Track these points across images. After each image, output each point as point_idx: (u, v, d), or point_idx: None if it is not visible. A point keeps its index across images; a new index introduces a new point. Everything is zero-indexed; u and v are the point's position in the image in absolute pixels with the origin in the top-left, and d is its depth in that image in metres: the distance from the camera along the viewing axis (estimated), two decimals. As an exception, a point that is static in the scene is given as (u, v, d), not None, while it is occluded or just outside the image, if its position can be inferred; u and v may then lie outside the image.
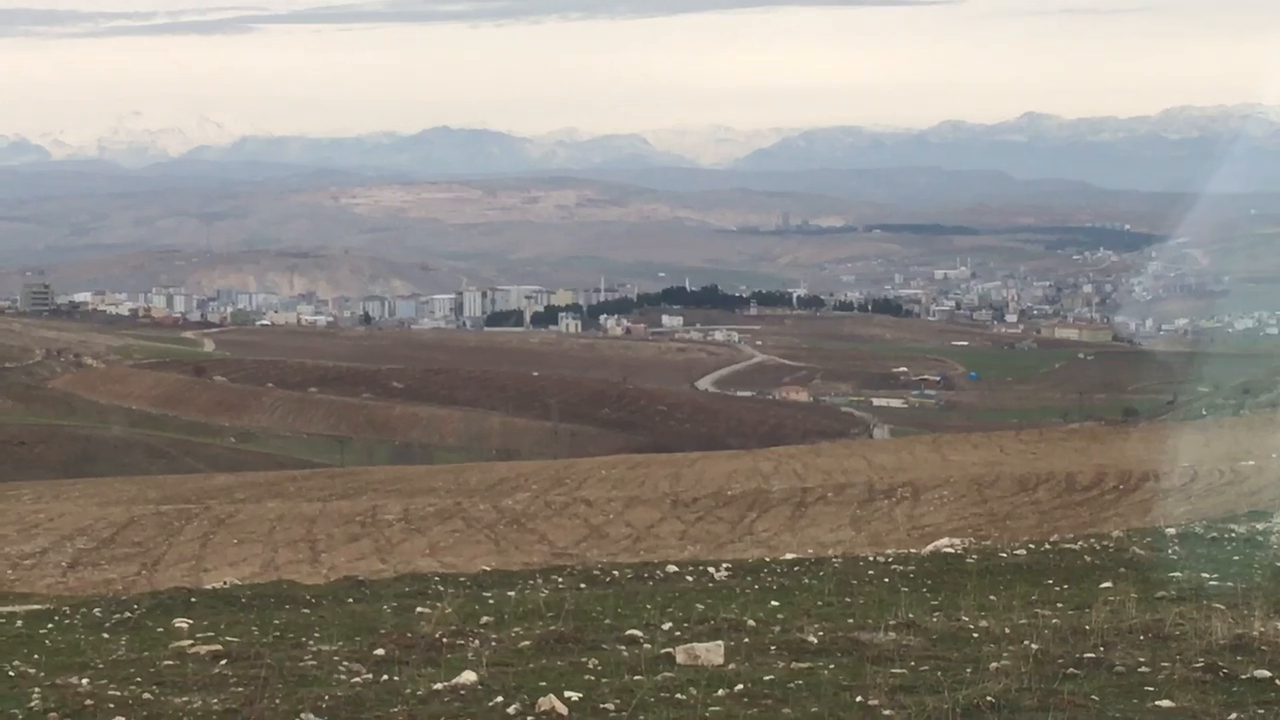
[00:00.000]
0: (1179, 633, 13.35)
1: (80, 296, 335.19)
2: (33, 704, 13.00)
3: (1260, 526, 21.88)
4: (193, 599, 22.45)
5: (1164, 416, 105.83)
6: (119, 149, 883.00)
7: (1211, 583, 16.51)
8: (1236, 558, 18.48)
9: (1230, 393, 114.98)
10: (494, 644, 14.68)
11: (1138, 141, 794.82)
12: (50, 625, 18.89)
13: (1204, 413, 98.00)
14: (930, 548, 26.39)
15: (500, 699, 11.85)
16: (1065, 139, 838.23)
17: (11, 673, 14.61)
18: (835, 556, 26.26)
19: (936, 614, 15.43)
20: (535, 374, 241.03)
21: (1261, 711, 10.59)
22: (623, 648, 14.15)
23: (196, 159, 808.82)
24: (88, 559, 50.05)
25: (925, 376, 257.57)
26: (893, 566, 21.57)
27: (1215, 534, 22.29)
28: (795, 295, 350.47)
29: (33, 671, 14.66)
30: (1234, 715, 10.49)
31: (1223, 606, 14.62)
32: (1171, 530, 24.88)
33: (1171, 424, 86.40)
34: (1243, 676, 11.55)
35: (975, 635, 13.91)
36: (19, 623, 19.61)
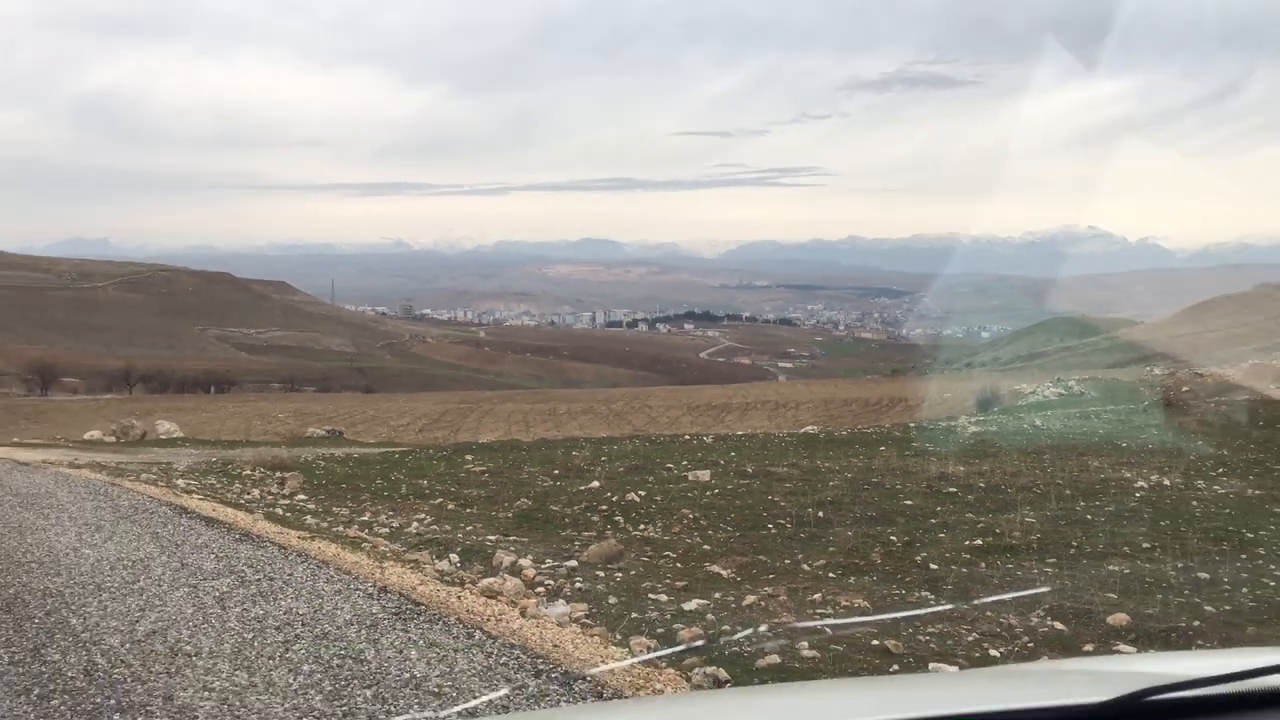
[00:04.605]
0: (915, 471, 13.26)
1: (425, 311, 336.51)
2: (402, 491, 13.12)
3: (954, 424, 21.65)
4: (473, 446, 22.55)
5: (911, 374, 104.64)
6: (451, 245, 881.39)
7: (929, 448, 16.39)
8: (941, 437, 18.32)
9: (943, 364, 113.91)
10: (606, 469, 14.73)
11: (902, 250, 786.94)
12: (410, 457, 19.03)
13: (929, 373, 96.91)
14: (803, 430, 26.26)
15: (609, 494, 11.87)
16: (868, 247, 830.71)
17: (393, 476, 14.73)
18: (759, 433, 26.14)
19: (805, 460, 15.38)
20: (626, 349, 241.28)
21: (952, 506, 10.53)
22: (664, 472, 14.15)
23: (474, 253, 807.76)
24: (426, 428, 50.39)
25: (801, 353, 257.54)
26: (786, 438, 21.44)
27: (932, 427, 22.08)
28: (744, 315, 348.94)
29: (403, 476, 14.78)
30: (939, 507, 10.45)
31: (935, 459, 14.52)
32: (912, 425, 24.67)
33: (914, 377, 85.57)
34: (943, 492, 11.47)
35: (823, 470, 13.84)
36: (396, 455, 19.76)
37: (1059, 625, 6.23)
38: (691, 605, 6.76)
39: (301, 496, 12.80)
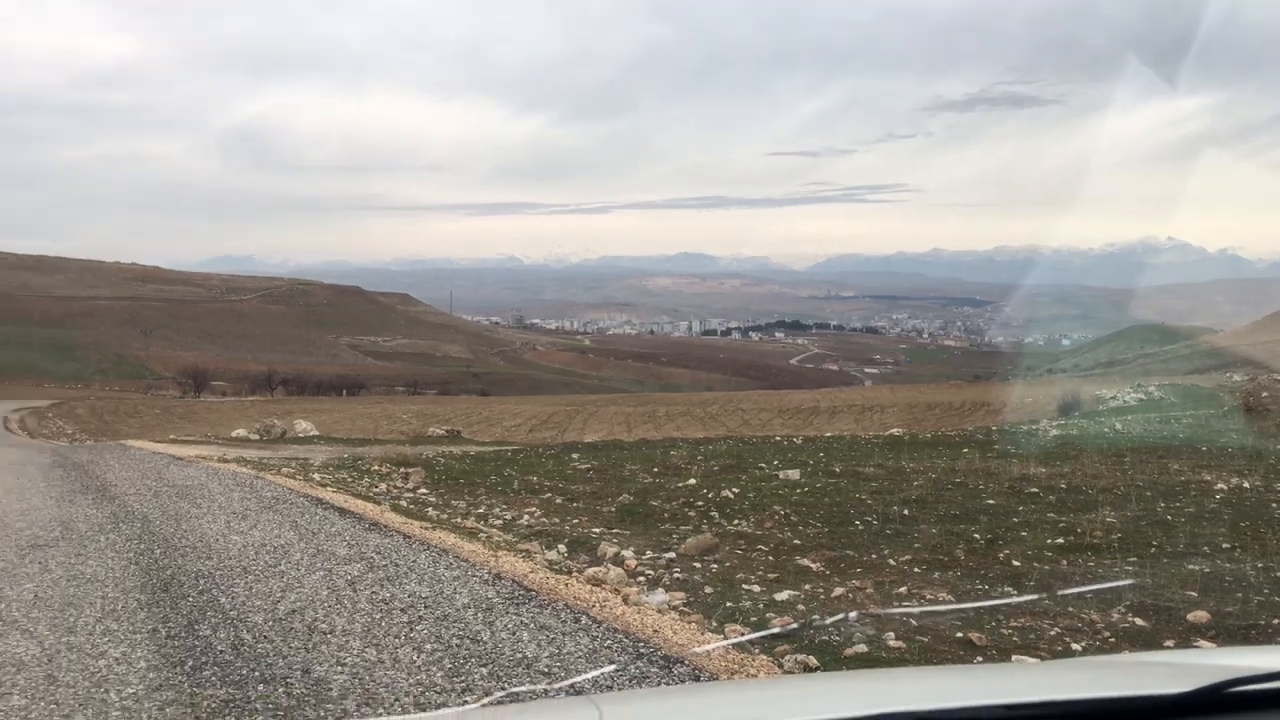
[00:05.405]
0: (997, 472, 12.98)
1: (535, 321, 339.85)
2: (515, 486, 13.27)
3: (1035, 427, 21.11)
4: (579, 445, 22.71)
5: (994, 379, 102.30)
6: (559, 260, 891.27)
7: (1011, 450, 16.02)
8: (1023, 440, 17.89)
9: (1024, 370, 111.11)
10: (703, 468, 14.70)
11: (984, 262, 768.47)
12: (521, 455, 19.25)
13: (1011, 379, 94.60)
14: (888, 433, 25.87)
15: (705, 490, 11.84)
16: (951, 259, 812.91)
17: (506, 472, 14.88)
18: (846, 435, 25.83)
19: (891, 460, 15.17)
20: (721, 356, 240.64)
21: (1034, 505, 10.27)
22: (756, 471, 14.08)
23: (579, 267, 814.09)
24: (536, 428, 50.84)
25: (887, 359, 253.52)
26: (872, 440, 21.18)
27: (1014, 430, 21.57)
28: (832, 324, 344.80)
29: (515, 472, 14.93)
30: (1021, 507, 10.20)
31: (1017, 460, 14.18)
32: (995, 428, 24.12)
33: (997, 382, 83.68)
34: (1025, 492, 11.19)
35: (908, 470, 13.64)
36: (509, 453, 20.01)
37: (1140, 621, 6.03)
38: (783, 596, 6.71)
39: (423, 490, 13.04)
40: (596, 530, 9.58)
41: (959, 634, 5.73)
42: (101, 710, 4.64)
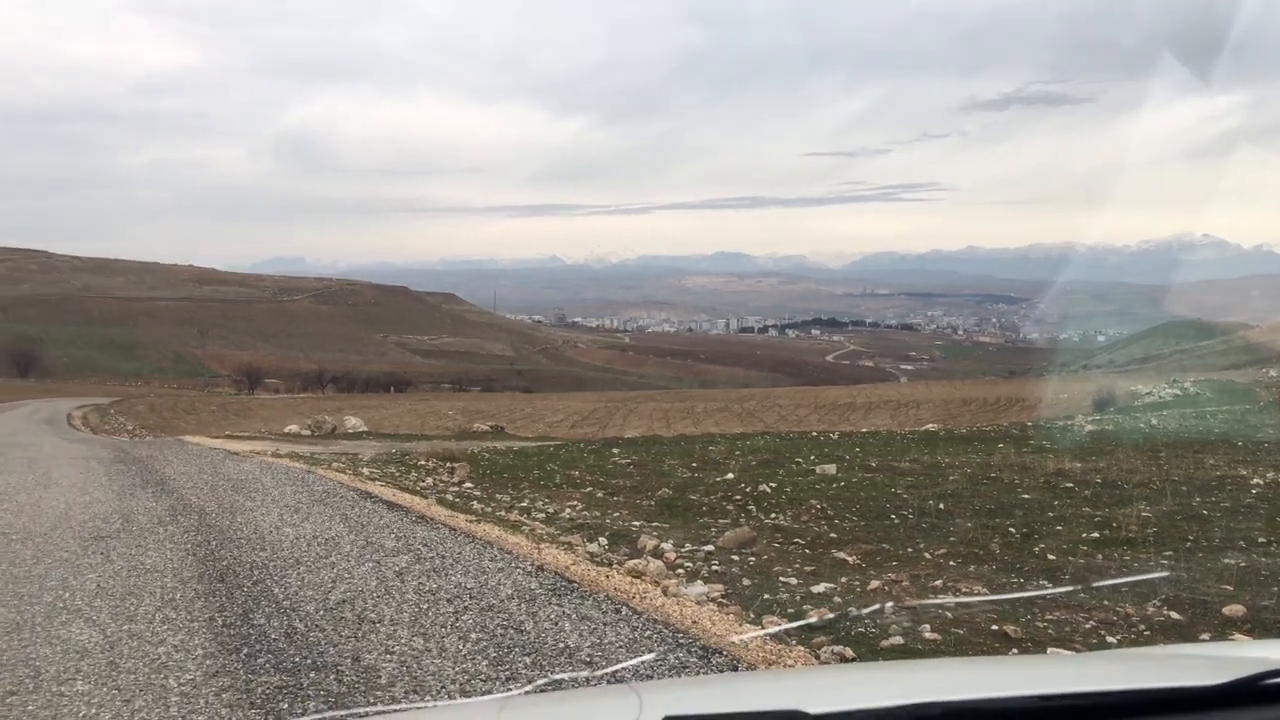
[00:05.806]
0: (1033, 467, 12.80)
1: (576, 319, 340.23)
2: (557, 480, 13.28)
3: (1070, 423, 20.80)
4: (619, 441, 22.70)
5: (1029, 375, 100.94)
6: (599, 259, 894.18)
7: (1046, 445, 15.79)
8: (1059, 435, 17.63)
9: (1059, 366, 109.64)
10: (740, 462, 14.63)
11: (1019, 259, 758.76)
12: (563, 450, 19.25)
13: (1046, 374, 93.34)
14: (924, 428, 25.62)
15: (743, 485, 11.79)
16: (986, 256, 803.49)
17: (548, 467, 14.90)
18: (882, 431, 25.59)
19: (926, 455, 15.00)
20: (758, 353, 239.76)
21: (1069, 500, 10.12)
22: (793, 465, 13.98)
23: (619, 267, 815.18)
24: (577, 424, 50.90)
25: (922, 356, 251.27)
26: (908, 436, 20.96)
27: (1049, 426, 21.25)
28: (867, 321, 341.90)
29: (557, 467, 14.94)
30: (1056, 501, 10.05)
31: (1052, 455, 13.98)
32: (1030, 423, 23.80)
33: (1032, 378, 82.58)
34: (1060, 487, 11.03)
35: (943, 465, 13.48)
36: (551, 448, 20.02)
37: (1175, 614, 5.93)
38: (819, 588, 6.68)
39: (469, 484, 13.11)
40: (636, 523, 9.57)
41: (994, 626, 5.67)
42: (161, 696, 4.71)
